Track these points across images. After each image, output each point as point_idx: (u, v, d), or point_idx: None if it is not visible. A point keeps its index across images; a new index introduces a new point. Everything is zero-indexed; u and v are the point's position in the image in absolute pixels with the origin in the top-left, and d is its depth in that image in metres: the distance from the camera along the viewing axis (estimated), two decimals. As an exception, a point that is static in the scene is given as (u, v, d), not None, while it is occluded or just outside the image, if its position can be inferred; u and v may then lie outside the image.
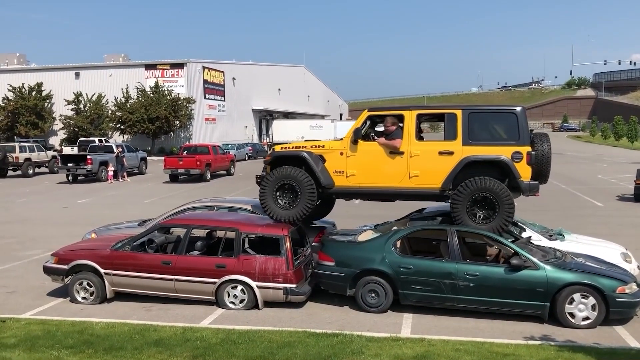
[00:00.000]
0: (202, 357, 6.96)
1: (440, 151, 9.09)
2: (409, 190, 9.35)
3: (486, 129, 9.09)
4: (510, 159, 8.78)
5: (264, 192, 9.58)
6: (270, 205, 9.55)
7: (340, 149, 9.54)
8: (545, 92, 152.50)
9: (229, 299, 8.98)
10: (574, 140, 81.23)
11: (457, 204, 8.84)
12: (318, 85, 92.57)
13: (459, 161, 8.94)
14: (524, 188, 8.85)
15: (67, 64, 55.34)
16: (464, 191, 8.78)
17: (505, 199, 8.68)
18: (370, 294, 8.82)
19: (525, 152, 8.80)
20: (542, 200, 21.43)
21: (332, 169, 9.54)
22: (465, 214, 8.83)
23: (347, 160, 9.48)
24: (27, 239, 15.03)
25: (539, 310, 8.24)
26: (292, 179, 9.39)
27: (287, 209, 9.48)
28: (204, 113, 54.73)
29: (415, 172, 9.19)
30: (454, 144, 9.03)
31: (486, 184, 8.70)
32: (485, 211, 8.82)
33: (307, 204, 9.38)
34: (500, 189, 8.69)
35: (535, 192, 9.19)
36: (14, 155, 33.06)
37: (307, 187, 9.33)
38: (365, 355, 6.96)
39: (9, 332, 7.89)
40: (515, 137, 8.85)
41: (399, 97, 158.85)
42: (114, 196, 24.50)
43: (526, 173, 8.83)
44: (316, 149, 9.68)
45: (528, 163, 8.80)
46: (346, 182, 9.52)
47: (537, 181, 9.01)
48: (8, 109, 49.68)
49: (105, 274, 9.29)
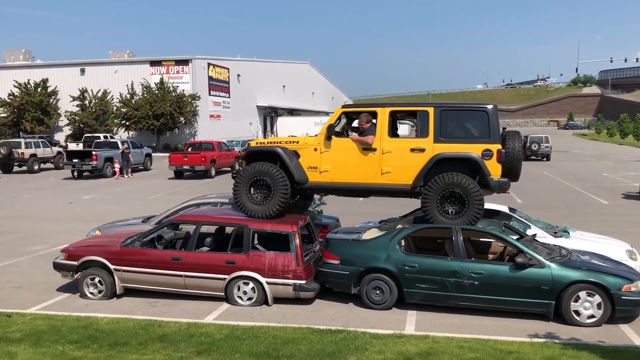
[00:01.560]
0: (206, 352, 6.98)
1: (412, 148, 9.15)
2: (381, 187, 9.41)
3: (458, 126, 9.18)
4: (480, 157, 8.85)
5: (237, 188, 9.59)
6: (243, 201, 9.54)
7: (314, 145, 9.58)
8: (550, 89, 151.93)
9: (239, 295, 9.01)
10: (579, 138, 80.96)
11: (427, 199, 8.92)
12: (323, 82, 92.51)
13: (429, 158, 9.01)
14: (494, 185, 8.94)
15: (72, 60, 55.35)
16: (433, 187, 8.86)
17: (474, 194, 8.74)
18: (374, 291, 8.81)
19: (496, 149, 8.87)
20: (547, 197, 21.40)
21: (306, 165, 9.58)
22: (435, 210, 8.90)
23: (320, 156, 9.52)
24: (33, 235, 15.08)
25: (544, 309, 8.22)
26: (266, 175, 9.41)
27: (261, 204, 9.47)
28: (209, 109, 54.73)
29: (387, 169, 9.25)
30: (425, 141, 9.11)
31: (455, 179, 8.77)
32: (455, 206, 8.88)
33: (280, 199, 9.36)
34: (468, 184, 8.76)
35: (505, 190, 9.29)
36: (20, 151, 33.17)
37: (280, 183, 9.34)
38: (369, 352, 6.96)
39: (15, 327, 7.93)
40: (486, 135, 8.93)
41: (403, 94, 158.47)
42: (118, 192, 24.56)
43: (496, 170, 8.91)
44: (290, 144, 9.72)
45: (498, 161, 8.88)
46: (319, 178, 9.57)
47: (507, 179, 9.10)
48: (14, 105, 49.77)
49: (115, 270, 9.33)
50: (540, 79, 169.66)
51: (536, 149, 40.12)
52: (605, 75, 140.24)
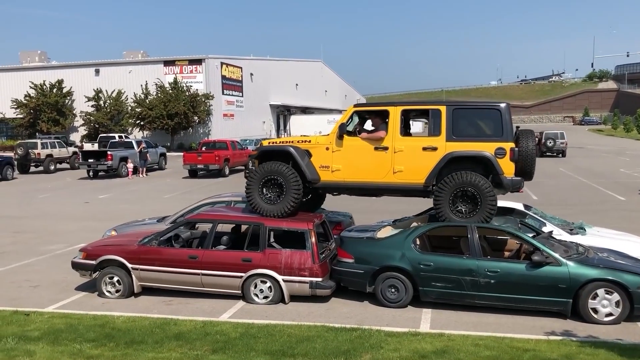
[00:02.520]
0: (221, 350, 7.01)
1: (424, 147, 9.13)
2: (393, 186, 9.39)
3: (470, 125, 9.13)
4: (493, 155, 8.81)
5: (250, 187, 9.62)
6: (256, 200, 9.56)
7: (326, 144, 9.59)
8: (565, 85, 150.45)
9: (256, 293, 9.04)
10: (595, 133, 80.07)
11: (439, 198, 8.90)
12: (335, 79, 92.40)
13: (442, 157, 8.98)
14: (507, 184, 8.88)
15: (87, 61, 55.80)
16: (446, 186, 8.83)
17: (487, 193, 8.70)
18: (390, 289, 8.79)
19: (509, 148, 8.83)
20: (562, 194, 21.21)
21: (318, 164, 9.59)
22: (448, 209, 8.88)
23: (332, 155, 9.53)
24: (49, 234, 15.24)
25: (561, 307, 8.15)
26: (278, 174, 9.42)
27: (273, 203, 9.49)
28: (222, 109, 54.89)
29: (400, 168, 9.23)
30: (437, 139, 9.08)
31: (468, 178, 8.74)
32: (468, 205, 8.85)
33: (292, 198, 9.37)
34: (482, 182, 8.72)
35: (519, 189, 9.23)
36: (36, 152, 33.51)
37: (293, 182, 9.35)
38: (384, 350, 6.95)
39: (33, 325, 8.02)
40: (499, 134, 8.89)
41: (416, 91, 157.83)
42: (134, 191, 24.73)
43: (509, 169, 8.86)
44: (302, 143, 9.73)
45: (511, 159, 8.84)
46: (331, 177, 9.57)
47: (520, 177, 9.04)
48: (30, 106, 50.30)
49: (132, 269, 9.40)
50: (555, 75, 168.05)
51: (551, 145, 39.77)
52: (622, 70, 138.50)
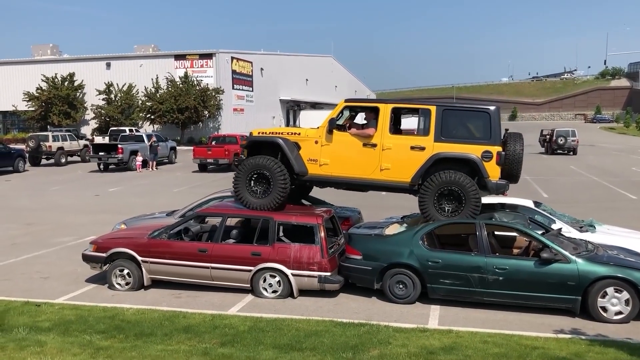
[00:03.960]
0: (230, 344, 7.05)
1: (412, 146, 9.17)
2: (380, 183, 9.45)
3: (459, 126, 9.19)
4: (479, 158, 8.88)
5: (237, 181, 9.66)
6: (243, 194, 9.61)
7: (315, 137, 9.62)
8: (577, 82, 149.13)
9: (265, 287, 9.08)
10: (606, 131, 79.50)
11: (424, 197, 8.98)
12: (346, 75, 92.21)
13: (429, 157, 9.05)
14: (491, 187, 8.97)
15: (98, 55, 56.00)
16: (431, 184, 8.91)
17: (471, 192, 8.79)
18: (398, 285, 8.79)
19: (496, 152, 8.89)
20: (573, 192, 21.10)
21: (307, 157, 9.61)
22: (432, 208, 8.97)
23: (321, 149, 9.56)
24: (60, 226, 15.35)
25: (570, 304, 8.12)
26: (265, 169, 9.46)
27: (260, 198, 9.54)
28: (232, 103, 54.96)
29: (387, 165, 9.27)
30: (426, 139, 9.14)
31: (452, 177, 8.81)
32: (452, 204, 8.92)
33: (279, 193, 9.41)
34: (466, 182, 8.79)
35: (503, 192, 9.36)
36: (47, 144, 33.71)
37: (280, 177, 9.38)
38: (392, 346, 6.96)
39: (44, 316, 8.10)
40: (487, 137, 8.95)
41: (427, 88, 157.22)
42: (144, 185, 24.85)
43: (495, 173, 8.94)
44: (292, 135, 9.75)
45: (497, 163, 8.91)
46: (319, 171, 9.60)
47: (506, 181, 9.12)
48: (42, 98, 50.60)
49: (142, 261, 9.46)
50: (567, 72, 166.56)
51: (562, 143, 39.53)
52: (635, 67, 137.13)
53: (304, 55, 75.79)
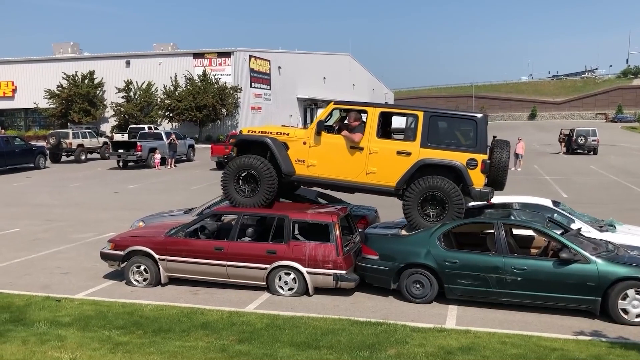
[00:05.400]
0: (247, 341, 7.08)
1: (398, 151, 9.23)
2: (365, 186, 9.51)
3: (446, 133, 9.27)
4: (464, 166, 8.92)
5: (225, 180, 9.77)
6: (231, 193, 9.74)
7: (303, 138, 9.67)
8: (598, 81, 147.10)
9: (281, 285, 9.11)
10: (628, 131, 78.29)
11: (408, 202, 9.06)
12: (363, 73, 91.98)
13: (414, 163, 9.10)
14: (475, 195, 9.02)
15: (118, 53, 56.49)
16: (415, 189, 8.99)
17: (455, 197, 8.85)
18: (415, 285, 8.75)
19: (481, 160, 8.92)
20: (593, 192, 20.84)
21: (294, 157, 9.67)
22: (416, 212, 9.05)
23: (309, 150, 9.61)
24: (80, 222, 15.53)
25: (589, 305, 8.02)
26: (252, 169, 9.55)
27: (248, 197, 9.65)
28: (250, 101, 55.13)
29: (373, 169, 9.33)
30: (412, 145, 9.18)
31: (435, 183, 8.87)
32: (435, 209, 9.00)
33: (266, 193, 9.54)
34: (450, 187, 8.85)
35: (488, 200, 9.40)
36: (68, 142, 34.17)
37: (267, 177, 9.47)
38: (410, 345, 6.94)
39: (64, 311, 8.21)
40: (472, 145, 9.01)
41: (445, 86, 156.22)
42: (162, 182, 25.04)
43: (479, 180, 8.98)
44: (281, 135, 9.81)
45: (482, 171, 8.94)
46: (306, 172, 9.66)
47: (490, 188, 9.19)
48: (62, 96, 51.21)
49: (159, 259, 9.54)
50: (588, 70, 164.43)
51: (582, 143, 39.05)
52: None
53: (321, 54, 75.74)
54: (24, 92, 56.06)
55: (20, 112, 58.30)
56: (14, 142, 30.01)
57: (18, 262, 11.30)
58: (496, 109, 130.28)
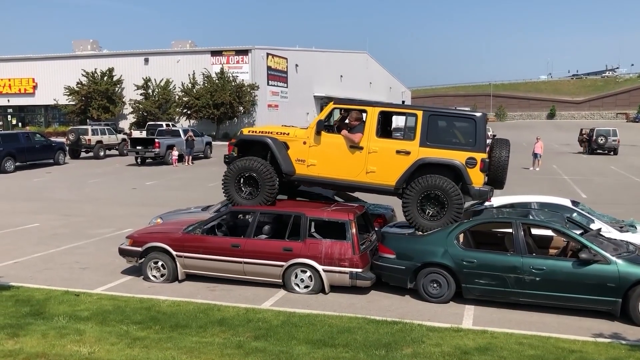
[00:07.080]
0: (263, 337, 7.09)
1: (397, 150, 9.22)
2: (365, 185, 9.52)
3: (445, 132, 9.26)
4: (463, 165, 8.90)
5: (226, 182, 9.87)
6: (232, 195, 9.86)
7: (303, 138, 9.69)
8: (619, 80, 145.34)
9: (297, 283, 9.13)
10: (649, 131, 77.23)
11: (408, 201, 9.04)
12: (380, 71, 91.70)
13: (413, 162, 9.08)
14: (474, 194, 9.00)
15: (136, 50, 56.89)
16: (414, 188, 8.97)
17: (454, 197, 8.83)
18: (432, 284, 8.71)
19: (480, 158, 8.89)
20: (613, 193, 20.57)
21: (295, 157, 9.70)
22: (416, 212, 9.02)
23: (309, 150, 9.63)
24: (99, 218, 15.69)
25: (609, 307, 7.92)
26: (253, 171, 9.63)
27: (248, 199, 9.76)
28: (267, 99, 55.25)
29: (372, 168, 9.33)
30: (411, 144, 9.17)
31: (435, 182, 8.85)
32: (435, 208, 8.98)
33: (267, 194, 9.64)
34: (449, 187, 8.83)
35: (487, 199, 9.36)
36: (87, 138, 34.53)
37: (267, 179, 9.56)
38: (426, 345, 6.90)
39: (83, 306, 8.29)
40: (471, 143, 8.97)
41: (463, 84, 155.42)
42: (180, 179, 25.20)
43: (478, 179, 8.95)
44: (281, 135, 9.83)
45: (481, 170, 8.91)
46: (306, 171, 9.68)
47: (490, 187, 9.16)
48: (82, 93, 51.75)
49: (177, 256, 9.61)
50: (609, 69, 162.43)
51: (603, 143, 38.60)
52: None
53: (338, 52, 75.61)
54: (44, 88, 56.74)
55: (41, 108, 59.00)
56: (35, 138, 30.39)
57: (38, 257, 11.45)
58: (514, 108, 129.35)
